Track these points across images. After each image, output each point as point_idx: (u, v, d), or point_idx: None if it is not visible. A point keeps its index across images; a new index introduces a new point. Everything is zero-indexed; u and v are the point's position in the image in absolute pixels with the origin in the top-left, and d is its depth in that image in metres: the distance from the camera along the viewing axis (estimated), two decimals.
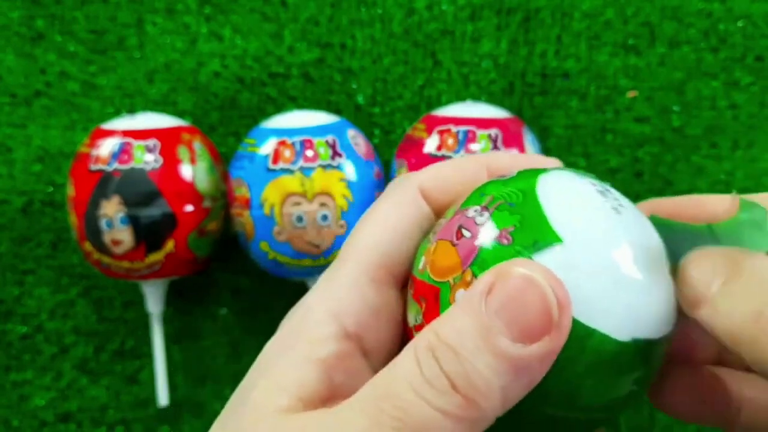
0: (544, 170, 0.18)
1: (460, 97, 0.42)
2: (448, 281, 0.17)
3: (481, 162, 0.21)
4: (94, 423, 0.43)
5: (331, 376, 0.18)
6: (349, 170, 0.35)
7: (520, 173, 0.18)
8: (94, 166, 0.35)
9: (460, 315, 0.16)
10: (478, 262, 0.16)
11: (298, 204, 0.34)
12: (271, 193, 0.35)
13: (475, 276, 0.16)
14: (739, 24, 0.41)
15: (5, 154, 0.42)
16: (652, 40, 0.41)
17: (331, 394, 0.18)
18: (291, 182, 0.34)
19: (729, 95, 0.41)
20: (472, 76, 0.42)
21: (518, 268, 0.15)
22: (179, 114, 0.41)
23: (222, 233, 0.39)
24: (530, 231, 0.16)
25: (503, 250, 0.16)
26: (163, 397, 0.41)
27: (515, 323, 0.15)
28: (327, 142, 0.35)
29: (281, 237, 0.35)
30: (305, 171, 0.35)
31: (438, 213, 0.20)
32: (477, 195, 0.18)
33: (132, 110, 0.42)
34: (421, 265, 0.18)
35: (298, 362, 0.18)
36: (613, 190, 0.18)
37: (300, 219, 0.35)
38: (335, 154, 0.35)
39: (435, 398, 0.15)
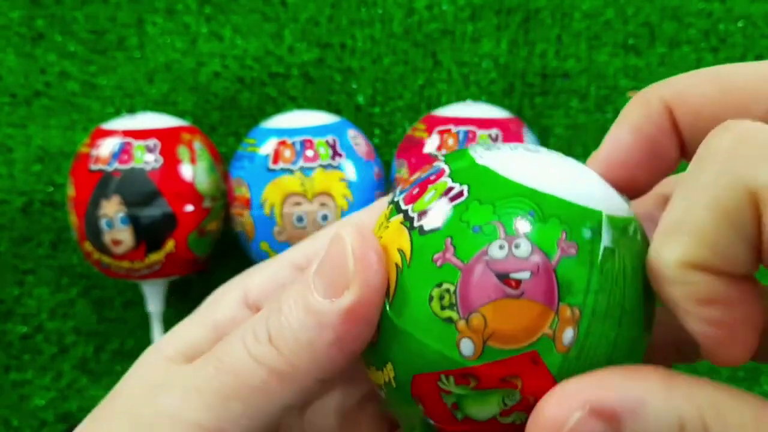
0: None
1: (460, 97, 0.42)
2: (541, 337, 0.14)
3: None
4: None
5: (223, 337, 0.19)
6: (350, 170, 0.35)
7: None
8: (94, 166, 0.35)
9: (298, 280, 0.17)
10: (562, 291, 0.14)
11: (298, 204, 0.34)
12: (271, 193, 0.35)
13: (570, 305, 0.14)
14: (739, 24, 0.41)
15: (5, 154, 0.42)
16: (652, 40, 0.41)
17: None
18: (291, 182, 0.34)
19: None
20: (472, 76, 0.42)
21: (339, 224, 0.16)
22: (179, 114, 0.41)
23: (222, 233, 0.39)
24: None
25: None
26: None
27: (323, 279, 0.16)
28: (327, 142, 0.35)
29: (281, 237, 0.35)
30: (305, 171, 0.35)
31: None
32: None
33: (132, 110, 0.42)
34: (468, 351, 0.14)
35: (193, 322, 0.19)
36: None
37: (300, 219, 0.35)
38: (335, 154, 0.35)
39: (252, 346, 0.16)
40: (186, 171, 0.36)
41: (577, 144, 0.41)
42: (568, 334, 0.14)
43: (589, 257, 0.14)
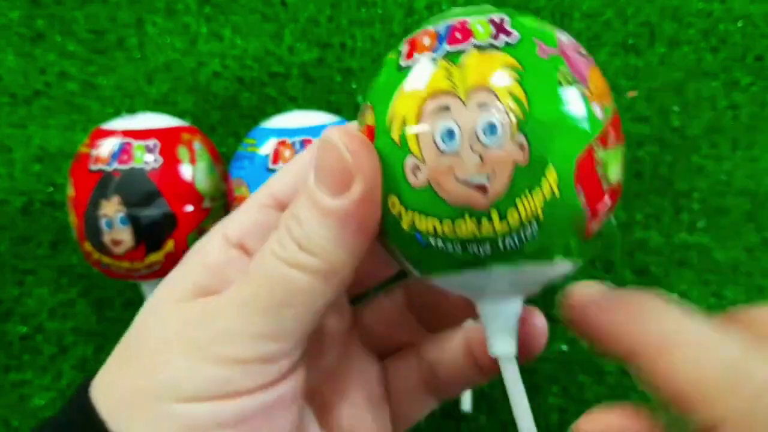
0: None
1: None
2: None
3: None
4: None
5: (224, 276, 0.20)
6: None
7: None
8: (94, 166, 0.35)
9: (302, 193, 0.19)
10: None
11: None
12: None
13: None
14: (739, 24, 0.41)
15: (5, 154, 0.42)
16: (652, 40, 0.41)
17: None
18: None
19: (729, 95, 0.41)
20: None
21: (322, 135, 0.18)
22: (179, 114, 0.41)
23: None
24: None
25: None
26: None
27: (327, 180, 0.18)
28: None
29: None
30: None
31: None
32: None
33: (132, 110, 0.42)
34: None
35: (190, 268, 0.21)
36: None
37: None
38: None
39: (289, 257, 0.18)
40: (186, 171, 0.36)
41: None
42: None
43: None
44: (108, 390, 0.19)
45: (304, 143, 0.35)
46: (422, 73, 0.17)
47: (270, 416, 0.19)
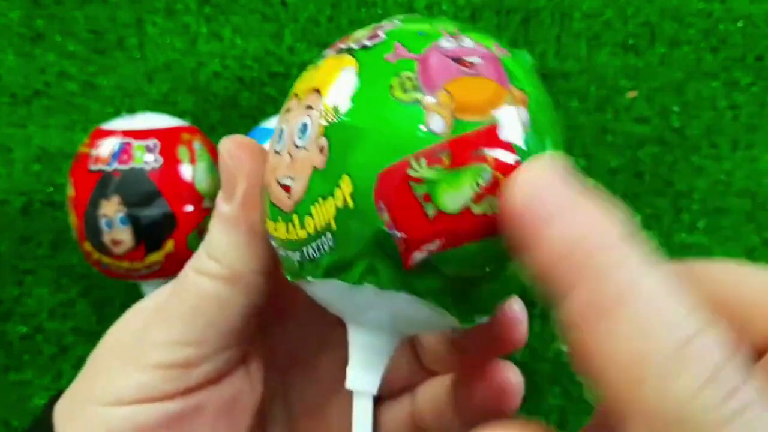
0: None
1: None
2: (501, 110, 0.15)
3: None
4: None
5: None
6: None
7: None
8: (94, 166, 0.35)
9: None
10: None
11: None
12: None
13: (518, 88, 0.15)
14: (739, 24, 0.41)
15: (5, 154, 0.42)
16: (652, 40, 0.41)
17: None
18: None
19: (729, 95, 0.41)
20: None
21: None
22: (179, 114, 0.41)
23: None
24: None
25: None
26: None
27: (223, 190, 0.19)
28: None
29: None
30: None
31: None
32: None
33: (132, 110, 0.42)
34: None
35: (169, 287, 0.21)
36: None
37: None
38: None
39: (200, 267, 0.19)
40: (186, 171, 0.36)
41: (577, 144, 0.41)
42: (522, 113, 0.15)
43: (521, 63, 0.16)
44: (65, 397, 0.20)
45: None
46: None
47: (188, 424, 0.19)
